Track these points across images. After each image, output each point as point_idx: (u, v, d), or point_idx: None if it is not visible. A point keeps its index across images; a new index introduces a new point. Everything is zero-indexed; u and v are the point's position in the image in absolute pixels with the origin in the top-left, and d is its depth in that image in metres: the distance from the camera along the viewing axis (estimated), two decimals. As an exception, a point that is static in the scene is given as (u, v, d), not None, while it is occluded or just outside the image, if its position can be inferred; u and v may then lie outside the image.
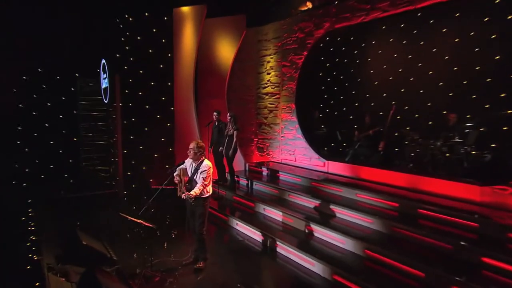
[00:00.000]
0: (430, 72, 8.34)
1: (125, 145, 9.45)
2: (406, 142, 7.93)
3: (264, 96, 10.37)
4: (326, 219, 6.34)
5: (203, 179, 4.82)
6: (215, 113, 8.23)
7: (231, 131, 7.92)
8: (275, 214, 7.00)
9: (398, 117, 8.51)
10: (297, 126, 9.44)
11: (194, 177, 4.90)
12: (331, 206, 6.63)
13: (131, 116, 9.47)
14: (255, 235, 6.60)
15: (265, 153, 10.53)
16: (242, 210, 7.65)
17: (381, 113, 8.95)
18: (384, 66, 9.27)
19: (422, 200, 6.04)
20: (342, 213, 6.46)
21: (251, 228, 6.71)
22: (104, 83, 10.17)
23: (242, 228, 6.93)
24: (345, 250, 5.63)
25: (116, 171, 9.93)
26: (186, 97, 9.61)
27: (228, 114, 7.99)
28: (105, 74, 10.07)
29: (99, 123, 10.67)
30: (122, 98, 9.48)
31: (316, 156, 8.95)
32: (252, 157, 10.61)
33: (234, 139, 7.86)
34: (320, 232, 6.16)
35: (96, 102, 10.66)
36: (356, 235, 5.65)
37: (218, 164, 8.27)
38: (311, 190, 7.47)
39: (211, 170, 5.04)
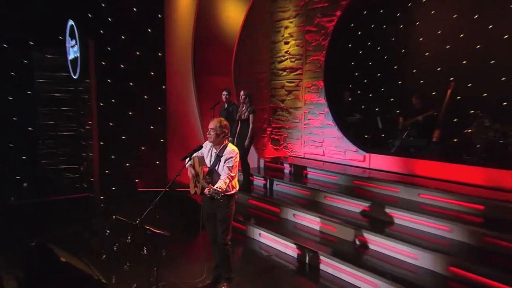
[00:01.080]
0: (506, 36, 8.07)
1: (102, 135, 9.39)
2: (470, 130, 7.77)
3: (281, 72, 10.20)
4: (383, 227, 6.07)
5: (229, 170, 4.55)
6: (225, 93, 8.08)
7: (246, 114, 7.74)
8: (310, 221, 6.82)
9: (459, 97, 8.39)
10: (327, 110, 9.20)
11: (216, 168, 4.64)
12: (387, 210, 6.36)
13: (109, 96, 9.43)
14: (288, 248, 6.37)
15: (281, 146, 10.38)
16: (263, 217, 7.41)
17: (434, 93, 8.92)
18: (439, 31, 9.11)
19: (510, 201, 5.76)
20: (403, 219, 6.17)
21: (281, 240, 6.48)
22: (72, 53, 9.87)
23: (268, 240, 6.74)
24: (420, 267, 5.24)
25: (89, 170, 9.73)
26: (182, 72, 9.58)
27: (242, 93, 7.80)
28: (73, 41, 9.72)
29: (64, 107, 10.42)
30: (98, 73, 9.35)
31: (353, 148, 8.70)
32: (264, 151, 10.46)
33: (251, 125, 7.65)
34: (377, 244, 5.82)
35: (59, 79, 10.33)
36: (434, 248, 5.31)
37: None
38: (353, 191, 7.30)
39: (238, 157, 4.70)
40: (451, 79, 8.45)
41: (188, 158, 4.79)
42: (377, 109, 10.17)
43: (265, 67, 10.45)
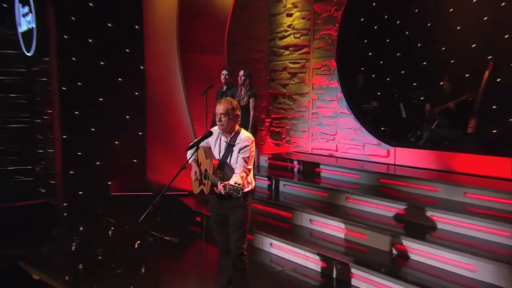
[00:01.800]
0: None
1: (65, 128, 9.24)
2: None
3: (282, 51, 10.22)
4: (424, 233, 6.04)
5: (244, 161, 4.52)
6: (224, 72, 8.06)
7: (245, 99, 7.82)
8: (331, 227, 6.81)
9: (499, 79, 8.40)
10: (340, 96, 9.18)
11: (228, 160, 4.60)
12: (428, 213, 6.33)
13: (75, 79, 9.20)
14: (309, 261, 6.31)
15: (283, 141, 10.41)
16: (271, 224, 7.39)
17: (467, 75, 8.96)
18: (474, 0, 9.04)
19: None
20: (448, 223, 6.13)
21: (299, 251, 6.44)
22: (25, 24, 9.76)
23: (282, 250, 6.71)
24: (479, 281, 5.17)
25: (49, 170, 9.63)
26: (164, 49, 9.50)
27: (242, 73, 7.88)
28: (25, 8, 9.61)
29: (12, 94, 10.38)
30: (60, 49, 9.18)
31: (375, 141, 8.70)
32: (262, 147, 10.47)
33: (251, 112, 7.73)
34: (421, 253, 5.73)
35: (7, 58, 10.23)
36: (495, 258, 5.20)
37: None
38: (380, 191, 7.33)
39: (254, 145, 4.69)
40: (489, 57, 8.49)
41: (194, 149, 4.68)
42: (396, 95, 10.20)
43: (263, 45, 10.47)
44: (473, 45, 9.00)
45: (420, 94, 9.82)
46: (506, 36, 8.67)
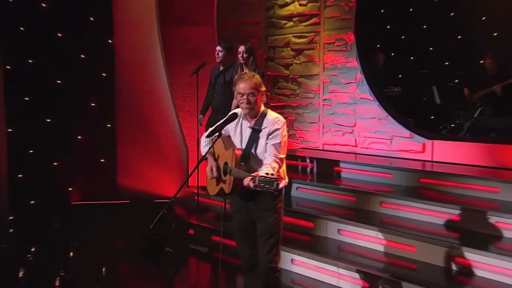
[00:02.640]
0: None
1: (11, 118, 9.06)
2: None
3: (284, 22, 10.13)
4: (490, 244, 6.06)
5: (275, 149, 4.57)
6: (219, 48, 8.12)
7: None
8: (365, 238, 6.81)
9: None
10: (360, 77, 9.14)
11: (253, 149, 4.64)
12: (490, 220, 6.32)
13: (23, 54, 9.10)
14: (342, 279, 6.25)
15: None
16: (287, 237, 7.06)
17: None
18: None
19: None
20: None
21: (329, 268, 6.38)
22: None
23: (306, 268, 6.65)
24: None
25: None
26: (139, 20, 9.40)
27: (242, 49, 7.91)
28: None
29: None
30: (1, 16, 8.90)
31: (406, 133, 8.71)
32: None
33: None
34: (490, 268, 5.68)
35: None
36: None
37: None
38: (422, 194, 7.36)
39: (286, 130, 4.73)
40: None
41: (216, 136, 4.72)
42: (425, 77, 10.31)
43: (259, 15, 10.41)
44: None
45: (455, 76, 10.00)
46: None
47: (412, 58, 10.39)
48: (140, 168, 9.32)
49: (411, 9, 10.29)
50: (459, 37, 9.92)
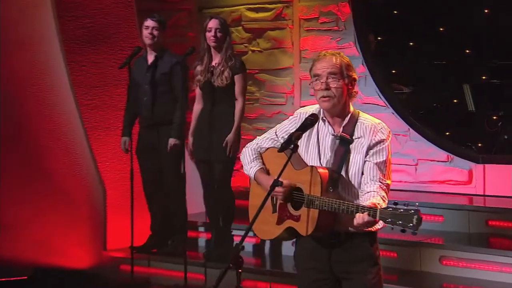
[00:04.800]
0: None
1: None
2: None
3: None
4: None
5: (380, 171, 3.86)
6: (150, 23, 7.34)
7: (224, 76, 7.13)
8: None
9: None
10: (362, 71, 8.20)
11: (343, 170, 3.92)
12: None
13: None
14: None
15: (237, 164, 10.10)
16: None
17: None
18: None
19: None
20: None
21: None
22: None
23: None
24: None
25: None
26: None
27: (216, 24, 7.05)
28: None
29: None
30: None
31: (441, 155, 7.84)
32: None
33: (239, 102, 7.22)
34: None
35: None
36: None
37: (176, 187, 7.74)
38: (496, 243, 6.82)
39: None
40: None
41: (289, 150, 3.71)
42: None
43: None
44: None
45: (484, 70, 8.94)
46: None
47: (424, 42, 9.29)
48: (31, 225, 8.18)
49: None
50: (486, 11, 9.02)
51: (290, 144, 3.72)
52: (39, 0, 8.30)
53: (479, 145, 8.44)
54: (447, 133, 8.52)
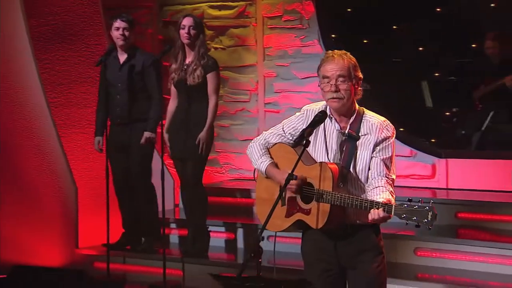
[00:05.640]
0: None
1: None
2: None
3: None
4: None
5: (386, 167, 4.10)
6: (120, 24, 7.42)
7: (197, 74, 7.24)
8: None
9: None
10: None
11: (351, 166, 4.12)
12: None
13: None
14: None
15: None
16: None
17: None
18: None
19: None
20: None
21: None
22: None
23: None
24: None
25: None
26: None
27: (190, 22, 7.17)
28: None
29: None
30: None
31: (405, 150, 8.04)
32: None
33: (212, 99, 7.38)
34: None
35: None
36: None
37: (145, 188, 7.83)
38: (467, 234, 7.06)
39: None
40: None
41: (302, 146, 3.90)
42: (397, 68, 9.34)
43: None
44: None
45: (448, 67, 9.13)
46: None
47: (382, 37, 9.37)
48: (1, 223, 8.22)
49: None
50: (438, 9, 9.09)
51: (303, 140, 3.87)
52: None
53: (439, 140, 8.62)
54: (404, 129, 8.51)
